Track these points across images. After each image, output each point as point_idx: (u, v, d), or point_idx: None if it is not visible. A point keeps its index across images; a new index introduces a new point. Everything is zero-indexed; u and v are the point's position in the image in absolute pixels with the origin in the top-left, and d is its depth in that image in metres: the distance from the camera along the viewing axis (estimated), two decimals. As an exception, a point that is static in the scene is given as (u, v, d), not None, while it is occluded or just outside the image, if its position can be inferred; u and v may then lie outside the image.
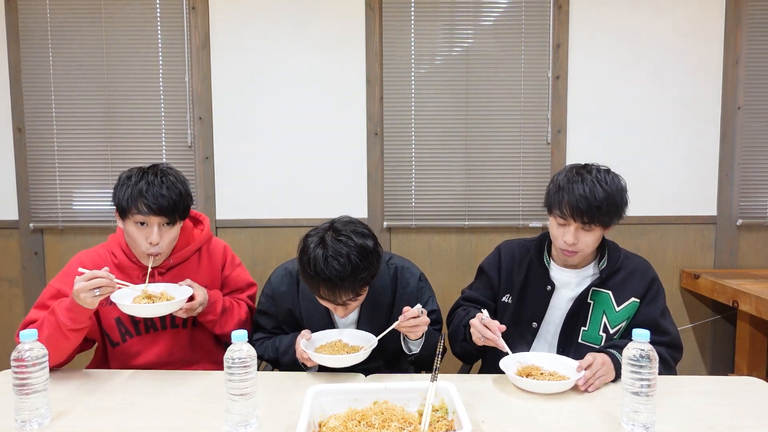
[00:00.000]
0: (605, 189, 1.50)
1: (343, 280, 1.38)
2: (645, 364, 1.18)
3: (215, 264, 1.70)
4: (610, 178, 1.54)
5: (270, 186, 2.78)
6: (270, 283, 1.68)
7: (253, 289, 1.81)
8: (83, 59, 2.72)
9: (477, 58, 2.73)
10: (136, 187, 1.47)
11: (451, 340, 1.74)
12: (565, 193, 1.52)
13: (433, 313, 1.67)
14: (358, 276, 1.40)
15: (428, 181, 2.78)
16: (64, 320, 1.39)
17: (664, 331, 1.57)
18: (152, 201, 1.46)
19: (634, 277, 1.62)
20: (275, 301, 1.66)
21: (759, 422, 1.25)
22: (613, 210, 1.52)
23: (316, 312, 1.61)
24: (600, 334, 1.61)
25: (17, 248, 2.81)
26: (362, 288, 1.46)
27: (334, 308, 1.51)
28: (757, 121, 2.75)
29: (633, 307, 1.61)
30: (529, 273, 1.68)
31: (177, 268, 1.63)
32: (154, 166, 1.55)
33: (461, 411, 1.13)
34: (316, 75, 2.74)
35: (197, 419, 1.27)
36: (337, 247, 1.40)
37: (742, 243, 2.81)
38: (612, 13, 2.71)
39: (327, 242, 1.41)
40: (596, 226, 1.52)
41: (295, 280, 1.64)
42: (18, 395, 1.19)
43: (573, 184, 1.52)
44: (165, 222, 1.51)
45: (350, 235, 1.43)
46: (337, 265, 1.38)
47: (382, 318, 1.62)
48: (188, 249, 1.64)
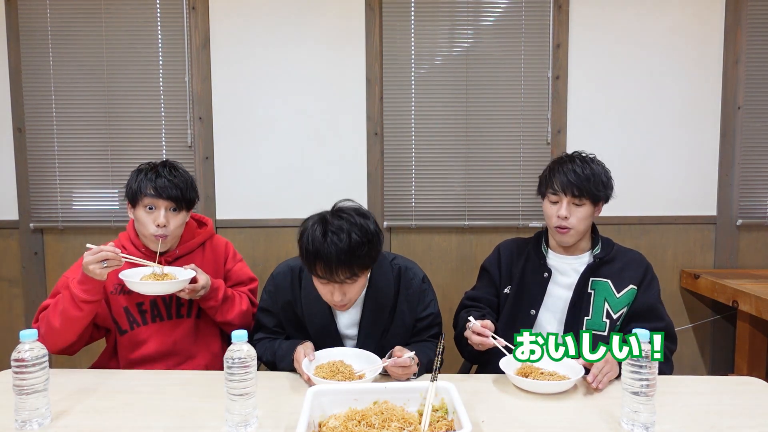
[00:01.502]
0: (592, 167, 1.68)
1: (340, 256, 1.36)
2: (645, 364, 1.18)
3: (218, 258, 1.80)
4: (597, 160, 1.73)
5: (270, 186, 2.78)
6: (272, 278, 1.68)
7: (255, 283, 1.87)
8: (83, 59, 2.73)
9: (477, 58, 2.73)
10: (146, 176, 1.63)
11: (459, 345, 1.79)
12: (556, 172, 1.69)
13: (433, 317, 1.67)
14: (356, 253, 1.37)
15: (428, 181, 2.78)
16: (77, 292, 1.50)
17: (661, 317, 1.66)
18: (160, 186, 1.62)
19: (631, 266, 1.71)
20: (277, 297, 1.65)
21: (759, 422, 1.25)
22: (600, 185, 1.66)
23: (317, 309, 1.59)
24: (603, 320, 1.67)
25: (17, 248, 2.81)
26: (360, 270, 1.42)
27: (331, 296, 1.47)
28: (757, 121, 2.75)
29: (632, 294, 1.68)
30: (527, 263, 1.77)
31: (182, 259, 1.73)
32: (164, 161, 1.70)
33: (461, 411, 1.13)
34: (316, 75, 2.74)
35: (197, 419, 1.27)
36: (337, 223, 1.39)
37: (742, 243, 2.81)
38: (612, 13, 2.71)
39: (327, 220, 1.42)
40: (586, 200, 1.65)
41: (297, 276, 1.63)
42: (18, 395, 1.19)
43: (563, 164, 1.70)
44: (171, 207, 1.64)
45: (351, 214, 1.42)
46: (337, 240, 1.36)
47: (384, 317, 1.60)
48: (193, 242, 1.76)
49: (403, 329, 1.63)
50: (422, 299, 1.64)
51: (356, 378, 1.43)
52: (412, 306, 1.63)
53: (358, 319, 1.61)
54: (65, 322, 1.53)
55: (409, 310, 1.62)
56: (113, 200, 2.78)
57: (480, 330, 1.51)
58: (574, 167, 1.67)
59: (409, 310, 1.62)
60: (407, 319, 1.63)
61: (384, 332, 1.61)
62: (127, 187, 1.66)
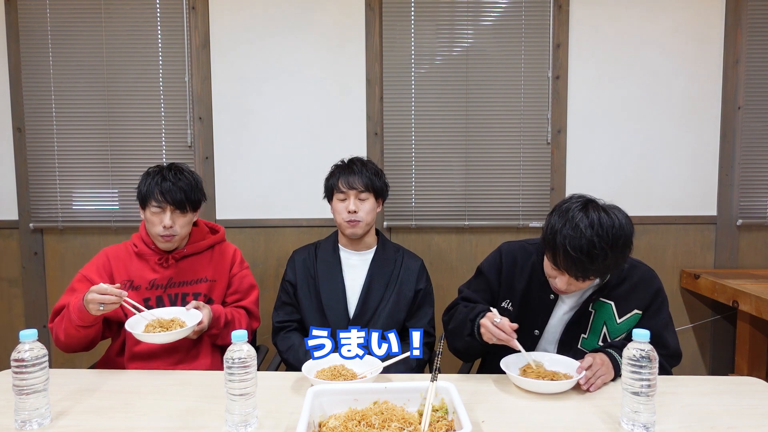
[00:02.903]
0: (601, 245, 1.33)
1: (359, 167, 1.92)
2: (645, 365, 1.18)
3: (225, 262, 1.91)
4: (608, 223, 1.35)
5: (270, 186, 2.78)
6: (292, 259, 2.02)
7: (255, 291, 1.96)
8: (83, 59, 2.73)
9: (477, 58, 2.73)
10: (153, 180, 1.76)
11: (452, 336, 1.68)
12: (558, 242, 1.37)
13: (426, 291, 1.99)
14: (369, 167, 1.94)
15: (428, 181, 2.78)
16: (74, 317, 1.59)
17: (664, 345, 1.55)
18: (165, 190, 1.74)
19: (638, 289, 1.58)
20: (295, 269, 1.97)
21: (759, 422, 1.25)
22: (609, 265, 1.39)
23: (330, 276, 1.94)
24: (599, 344, 1.60)
25: (17, 248, 2.81)
26: (369, 183, 1.91)
27: (345, 205, 1.89)
28: (757, 121, 2.75)
29: (635, 319, 1.58)
30: (532, 280, 1.64)
31: (190, 258, 1.85)
32: (172, 164, 1.82)
33: (461, 411, 1.13)
34: (316, 75, 2.74)
35: (197, 419, 1.27)
36: (358, 157, 2.00)
37: (742, 243, 2.81)
38: (612, 13, 2.71)
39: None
40: (590, 279, 1.45)
41: (313, 251, 2.01)
42: (18, 395, 1.19)
43: (565, 231, 1.36)
44: (177, 209, 1.75)
45: (370, 159, 2.10)
46: (356, 160, 1.97)
47: (384, 281, 1.93)
48: (202, 243, 1.87)
49: (400, 296, 1.93)
50: (421, 276, 1.98)
51: (354, 377, 1.45)
52: (411, 279, 1.96)
53: (363, 284, 1.93)
54: (69, 339, 1.65)
55: (408, 282, 1.95)
56: (113, 200, 2.78)
57: (507, 330, 1.42)
58: (580, 254, 1.33)
59: (408, 282, 1.95)
60: (406, 290, 1.94)
61: (384, 294, 1.92)
62: (138, 191, 1.80)
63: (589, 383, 1.40)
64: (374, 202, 1.95)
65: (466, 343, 1.58)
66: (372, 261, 1.97)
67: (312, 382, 1.39)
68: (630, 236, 1.38)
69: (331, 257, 1.97)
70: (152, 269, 1.80)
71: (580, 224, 1.35)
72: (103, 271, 1.78)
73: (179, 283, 1.81)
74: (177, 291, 1.80)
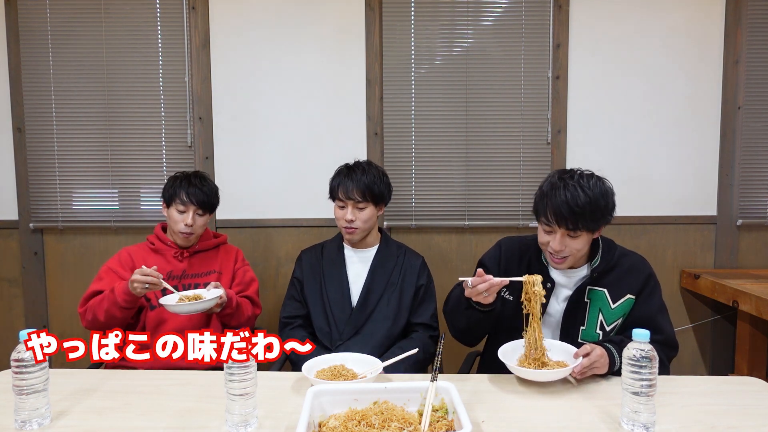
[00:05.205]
0: (587, 194, 1.50)
1: (359, 174, 1.95)
2: (645, 365, 1.18)
3: (230, 259, 2.16)
4: (593, 182, 1.54)
5: (270, 186, 2.78)
6: (300, 257, 2.11)
7: (256, 283, 2.17)
8: (83, 59, 2.72)
9: (477, 58, 2.73)
10: (181, 184, 2.03)
11: (452, 316, 1.72)
12: (549, 200, 1.54)
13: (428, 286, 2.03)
14: (371, 173, 1.97)
15: (428, 180, 2.78)
16: (120, 300, 1.82)
17: (659, 330, 1.58)
18: (191, 193, 2.01)
19: (630, 275, 1.64)
20: (302, 267, 2.06)
21: (759, 422, 1.25)
22: (597, 215, 1.52)
23: (334, 272, 2.02)
24: (597, 332, 1.63)
25: (17, 248, 2.81)
26: (367, 193, 1.93)
27: (343, 214, 1.94)
28: (757, 121, 2.75)
29: (628, 304, 1.62)
30: (530, 271, 1.66)
31: (201, 254, 2.12)
32: (195, 172, 2.10)
33: (461, 411, 1.13)
34: (316, 75, 2.74)
35: (197, 419, 1.27)
36: (362, 162, 2.05)
37: (742, 243, 2.81)
38: (612, 13, 2.71)
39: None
40: (582, 232, 1.54)
41: (320, 250, 2.09)
42: (18, 395, 1.19)
43: (556, 190, 1.54)
44: (198, 211, 2.02)
45: (371, 162, 2.06)
46: (359, 166, 2.00)
47: (385, 277, 1.99)
48: (210, 242, 2.16)
49: (402, 293, 1.98)
50: (422, 273, 2.04)
51: (354, 377, 1.45)
52: (412, 276, 2.01)
53: (365, 277, 1.99)
54: (110, 319, 1.85)
55: (410, 279, 2.01)
56: (113, 200, 2.78)
57: (483, 279, 1.45)
58: (566, 195, 1.50)
59: (409, 278, 2.01)
60: (408, 286, 1.99)
61: (385, 289, 1.97)
62: (164, 191, 2.06)
63: (583, 372, 1.41)
64: (373, 210, 1.99)
65: (467, 318, 1.62)
66: (374, 258, 2.04)
67: (312, 382, 1.39)
68: (611, 188, 1.58)
69: (336, 255, 2.05)
70: (168, 262, 2.05)
71: (568, 181, 1.54)
72: (126, 264, 2.01)
73: (192, 274, 2.06)
74: (190, 281, 2.04)
